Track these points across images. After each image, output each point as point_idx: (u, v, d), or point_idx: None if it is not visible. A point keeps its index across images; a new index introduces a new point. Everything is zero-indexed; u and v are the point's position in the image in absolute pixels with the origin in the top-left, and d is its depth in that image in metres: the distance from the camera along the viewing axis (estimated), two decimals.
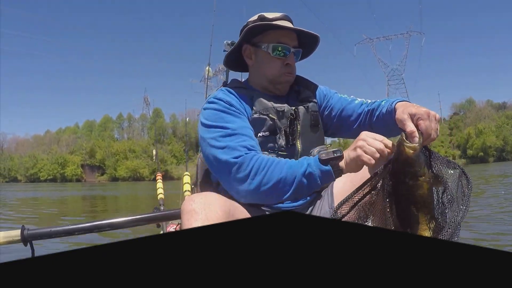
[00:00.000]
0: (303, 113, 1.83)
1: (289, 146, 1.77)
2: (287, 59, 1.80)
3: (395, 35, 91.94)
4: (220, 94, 1.77)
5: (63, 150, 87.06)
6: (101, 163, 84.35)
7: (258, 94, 1.82)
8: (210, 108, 1.73)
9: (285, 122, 1.77)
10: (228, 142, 1.59)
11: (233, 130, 1.62)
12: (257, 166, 1.51)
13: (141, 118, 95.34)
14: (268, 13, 1.85)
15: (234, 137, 1.60)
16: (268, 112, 1.75)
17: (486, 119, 76.73)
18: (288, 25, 1.80)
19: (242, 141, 1.59)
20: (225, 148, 1.58)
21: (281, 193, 1.52)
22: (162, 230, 3.09)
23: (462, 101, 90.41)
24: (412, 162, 1.27)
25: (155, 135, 18.76)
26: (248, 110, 1.77)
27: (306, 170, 1.46)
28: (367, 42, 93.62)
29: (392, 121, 1.54)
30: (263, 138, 1.73)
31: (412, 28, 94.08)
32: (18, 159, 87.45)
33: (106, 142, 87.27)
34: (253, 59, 1.88)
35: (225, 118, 1.67)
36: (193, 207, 1.35)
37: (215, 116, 1.69)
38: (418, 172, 1.28)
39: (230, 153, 1.56)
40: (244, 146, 1.57)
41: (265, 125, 1.74)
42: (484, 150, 68.31)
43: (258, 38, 1.83)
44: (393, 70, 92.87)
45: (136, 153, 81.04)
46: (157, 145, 8.56)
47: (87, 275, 0.30)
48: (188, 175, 3.53)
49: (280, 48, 1.79)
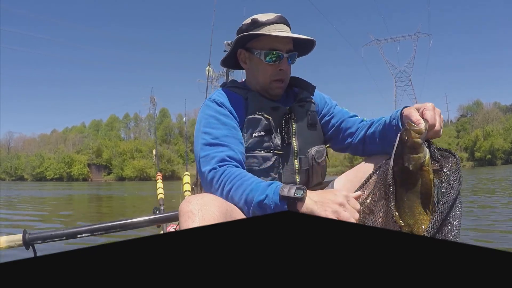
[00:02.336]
0: (299, 112, 1.85)
1: (285, 145, 1.79)
2: (280, 65, 1.80)
3: (403, 37, 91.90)
4: (215, 96, 1.83)
5: (70, 149, 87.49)
6: (107, 163, 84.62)
7: (254, 94, 1.84)
8: (203, 112, 1.79)
9: (279, 121, 1.79)
10: (207, 151, 1.65)
11: (215, 139, 1.66)
12: (224, 181, 1.55)
13: (147, 118, 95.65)
14: (262, 15, 1.82)
15: (214, 148, 1.64)
16: (263, 111, 1.77)
17: (493, 122, 76.25)
18: (282, 28, 1.80)
19: (220, 152, 1.62)
20: (205, 157, 1.64)
21: (243, 210, 1.52)
22: (162, 230, 3.11)
23: (470, 103, 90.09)
24: (417, 147, 1.32)
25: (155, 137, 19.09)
26: (242, 110, 1.79)
27: (263, 200, 1.44)
28: (375, 44, 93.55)
29: (391, 133, 1.62)
30: (259, 138, 1.75)
31: (420, 29, 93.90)
32: (24, 158, 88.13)
33: (113, 142, 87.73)
34: (247, 64, 1.90)
35: (212, 124, 1.71)
36: (190, 208, 1.35)
37: (205, 120, 1.74)
38: (422, 160, 1.32)
39: (207, 164, 1.62)
40: (220, 158, 1.60)
41: (260, 124, 1.75)
42: (492, 153, 67.84)
43: (251, 43, 1.84)
44: (401, 71, 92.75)
45: (142, 153, 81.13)
46: (157, 145, 8.55)
47: (87, 275, 0.30)
48: (188, 175, 3.55)
49: (273, 54, 1.78)
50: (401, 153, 1.36)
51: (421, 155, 1.32)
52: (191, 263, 0.33)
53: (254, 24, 1.80)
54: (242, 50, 1.88)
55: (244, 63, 1.90)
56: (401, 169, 1.36)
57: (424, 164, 1.32)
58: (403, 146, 1.35)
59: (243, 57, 1.89)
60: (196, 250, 0.37)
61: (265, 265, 0.32)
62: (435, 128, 1.40)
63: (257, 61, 1.82)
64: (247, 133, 1.76)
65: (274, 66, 1.80)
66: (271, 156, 1.75)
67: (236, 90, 1.86)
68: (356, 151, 1.96)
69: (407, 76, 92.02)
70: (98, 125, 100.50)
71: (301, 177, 1.85)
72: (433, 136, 1.43)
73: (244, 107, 1.80)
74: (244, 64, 1.91)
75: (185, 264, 0.33)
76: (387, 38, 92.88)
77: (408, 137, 1.32)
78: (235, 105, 1.79)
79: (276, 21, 1.80)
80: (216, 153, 1.62)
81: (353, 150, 1.98)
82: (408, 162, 1.33)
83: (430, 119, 1.38)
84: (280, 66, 1.80)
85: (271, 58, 1.78)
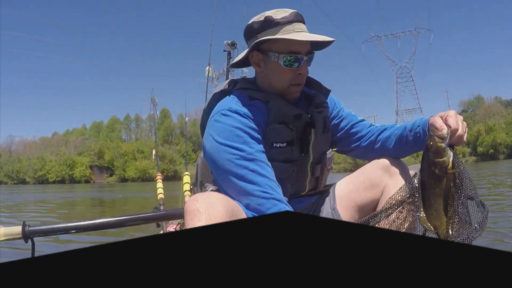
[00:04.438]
0: (318, 120, 1.76)
1: (303, 155, 1.71)
2: (299, 68, 1.65)
3: (403, 33, 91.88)
4: (234, 105, 1.64)
5: (71, 152, 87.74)
6: (109, 164, 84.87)
7: (275, 98, 1.68)
8: (224, 122, 1.59)
9: (301, 131, 1.69)
10: (245, 168, 1.51)
11: (250, 154, 1.52)
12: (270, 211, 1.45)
13: (148, 118, 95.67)
14: (275, 12, 1.65)
15: (252, 163, 1.51)
16: (286, 120, 1.66)
17: (495, 116, 76.20)
18: (301, 28, 1.64)
19: (261, 169, 1.51)
20: (244, 176, 1.50)
21: None
22: (162, 230, 3.13)
23: (470, 98, 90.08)
24: (441, 151, 1.41)
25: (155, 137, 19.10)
26: (263, 116, 1.65)
27: None
28: (375, 40, 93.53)
29: (411, 138, 1.69)
30: (279, 149, 1.66)
31: (420, 25, 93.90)
32: (26, 161, 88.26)
33: (115, 143, 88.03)
34: (262, 67, 1.72)
35: (241, 137, 1.55)
36: (196, 206, 1.34)
37: (229, 133, 1.56)
38: (446, 163, 1.41)
39: (250, 184, 1.49)
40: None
41: (282, 135, 1.65)
42: (495, 147, 67.77)
43: (266, 45, 1.66)
44: (402, 67, 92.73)
45: (144, 154, 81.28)
46: (157, 146, 8.62)
47: (87, 275, 0.30)
48: (188, 175, 3.57)
49: (292, 58, 1.62)
50: (427, 158, 1.46)
51: (445, 159, 1.41)
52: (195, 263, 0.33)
53: (268, 23, 1.63)
54: (255, 52, 1.70)
55: (258, 66, 1.72)
56: (427, 173, 1.47)
57: (448, 167, 1.42)
58: (428, 151, 1.46)
59: (256, 59, 1.71)
60: (196, 250, 0.37)
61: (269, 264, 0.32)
62: (458, 133, 1.46)
63: (274, 65, 1.65)
64: (267, 142, 1.63)
65: (293, 70, 1.64)
66: (289, 167, 1.68)
67: (253, 93, 1.70)
68: (363, 155, 1.92)
69: (408, 72, 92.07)
70: (99, 126, 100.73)
71: (311, 183, 1.80)
72: (457, 141, 1.47)
73: (265, 113, 1.66)
74: (257, 67, 1.73)
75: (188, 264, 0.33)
76: (387, 34, 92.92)
77: (433, 143, 1.42)
78: (256, 112, 1.63)
79: (293, 20, 1.63)
80: (258, 171, 1.51)
81: (358, 154, 1.93)
82: (433, 166, 1.43)
83: (452, 125, 1.45)
84: (299, 70, 1.65)
85: (290, 62, 1.63)
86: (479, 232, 1.40)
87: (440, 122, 1.46)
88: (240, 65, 1.89)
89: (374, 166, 1.73)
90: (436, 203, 1.45)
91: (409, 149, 1.74)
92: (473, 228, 1.40)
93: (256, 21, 1.67)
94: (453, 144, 1.48)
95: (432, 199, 1.45)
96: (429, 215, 1.46)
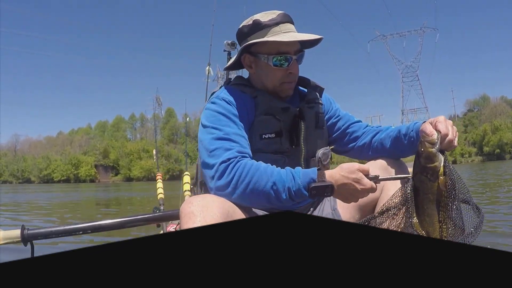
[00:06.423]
0: (308, 114, 1.79)
1: (293, 147, 1.74)
2: (289, 68, 1.72)
3: (409, 32, 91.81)
4: (223, 93, 1.73)
5: (76, 151, 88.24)
6: (115, 163, 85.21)
7: (263, 93, 1.76)
8: (210, 109, 1.69)
9: (290, 123, 1.73)
10: (218, 145, 1.56)
11: (226, 135, 1.58)
12: (240, 172, 1.47)
13: (153, 118, 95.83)
14: (263, 15, 1.73)
15: (226, 142, 1.56)
16: (273, 112, 1.71)
17: (501, 116, 75.89)
18: (288, 28, 1.71)
19: (232, 146, 1.55)
20: (215, 150, 1.55)
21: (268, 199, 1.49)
22: (162, 230, 3.11)
23: (476, 97, 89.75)
24: (432, 157, 1.42)
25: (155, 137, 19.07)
26: (250, 110, 1.72)
27: (297, 188, 1.45)
28: (381, 39, 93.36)
29: (405, 142, 1.72)
30: (268, 140, 1.70)
31: (426, 24, 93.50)
32: (31, 160, 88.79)
33: (120, 142, 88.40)
34: (253, 68, 1.80)
35: (222, 121, 1.63)
36: (191, 209, 1.35)
37: (213, 117, 1.65)
38: (438, 168, 1.42)
39: (218, 157, 1.52)
40: (235, 151, 1.53)
41: (270, 126, 1.70)
42: (501, 147, 67.44)
43: (256, 47, 1.74)
44: (408, 67, 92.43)
45: (149, 153, 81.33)
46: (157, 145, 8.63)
47: (87, 275, 0.30)
48: (188, 175, 3.55)
49: (281, 58, 1.70)
50: (418, 164, 1.46)
51: (437, 164, 1.42)
52: (195, 263, 0.33)
53: (256, 26, 1.70)
54: (247, 54, 1.78)
55: (250, 67, 1.80)
56: (419, 178, 1.46)
57: (439, 172, 1.42)
58: (419, 157, 1.46)
59: (248, 62, 1.79)
60: (196, 250, 0.37)
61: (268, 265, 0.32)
62: (448, 137, 1.46)
63: (264, 66, 1.73)
64: (255, 134, 1.69)
65: (283, 70, 1.71)
66: (280, 159, 1.69)
67: (243, 88, 1.78)
68: (358, 155, 1.96)
69: (413, 71, 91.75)
70: (104, 126, 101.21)
71: None
72: (448, 146, 1.47)
73: (252, 107, 1.72)
74: (249, 68, 1.81)
75: (185, 264, 0.33)
76: (393, 34, 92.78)
77: (424, 148, 1.44)
78: (243, 104, 1.70)
79: (281, 21, 1.70)
80: (229, 146, 1.54)
81: (354, 154, 1.97)
82: (425, 171, 1.44)
83: (442, 130, 1.46)
84: (289, 69, 1.72)
85: (279, 62, 1.70)
86: (474, 237, 1.40)
87: (430, 128, 1.48)
88: (234, 68, 1.99)
89: (373, 165, 1.71)
90: (429, 208, 1.45)
91: (405, 151, 1.77)
92: (467, 233, 1.40)
93: (246, 25, 1.75)
94: (444, 149, 1.48)
95: (425, 205, 1.46)
96: (422, 221, 1.47)
